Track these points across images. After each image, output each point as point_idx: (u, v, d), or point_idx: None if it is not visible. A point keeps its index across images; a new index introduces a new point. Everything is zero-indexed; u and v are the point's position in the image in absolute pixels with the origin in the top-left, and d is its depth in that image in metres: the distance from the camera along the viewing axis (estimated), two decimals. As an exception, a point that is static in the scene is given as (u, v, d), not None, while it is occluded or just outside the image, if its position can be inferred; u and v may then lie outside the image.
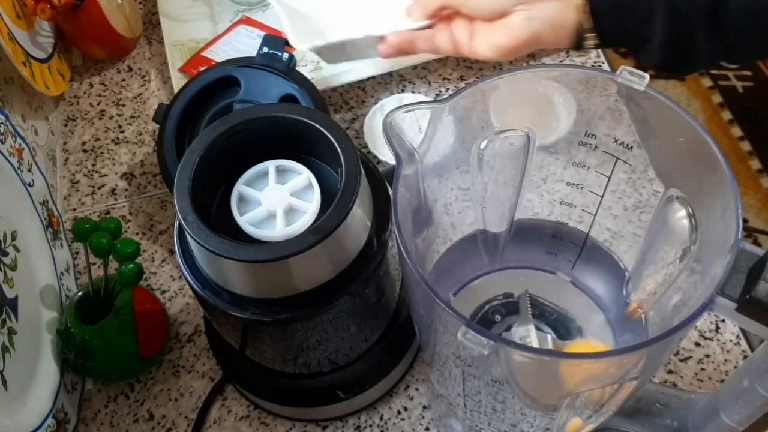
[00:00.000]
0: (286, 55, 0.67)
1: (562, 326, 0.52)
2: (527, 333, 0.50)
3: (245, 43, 0.84)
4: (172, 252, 0.72)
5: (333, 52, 0.69)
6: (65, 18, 0.82)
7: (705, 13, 0.58)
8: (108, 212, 0.76)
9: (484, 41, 0.64)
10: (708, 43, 0.59)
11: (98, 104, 0.85)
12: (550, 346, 0.51)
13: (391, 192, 0.41)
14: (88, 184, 0.78)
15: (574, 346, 0.52)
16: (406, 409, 0.62)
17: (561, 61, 0.81)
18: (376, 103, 0.79)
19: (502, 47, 0.64)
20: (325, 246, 0.44)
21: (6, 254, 0.58)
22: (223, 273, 0.47)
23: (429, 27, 0.67)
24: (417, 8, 0.67)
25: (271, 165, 0.48)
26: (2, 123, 0.62)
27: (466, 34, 0.65)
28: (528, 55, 0.83)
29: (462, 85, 0.81)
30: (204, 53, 0.83)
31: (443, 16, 0.67)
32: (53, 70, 0.82)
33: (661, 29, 0.59)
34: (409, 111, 0.42)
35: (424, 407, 0.62)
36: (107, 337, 0.61)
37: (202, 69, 0.76)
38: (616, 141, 0.46)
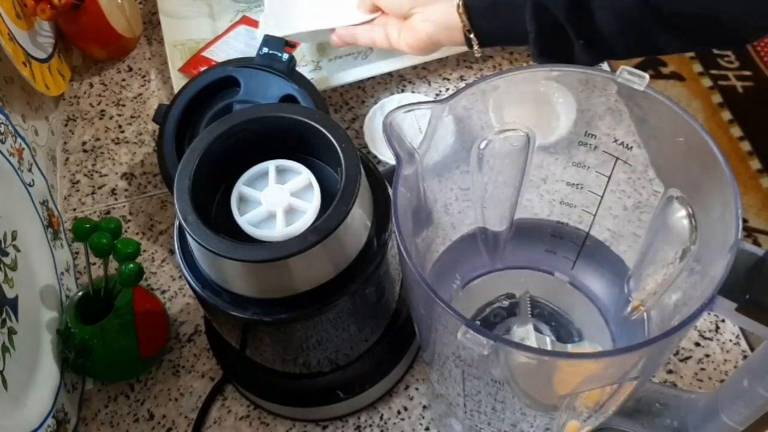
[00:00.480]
0: (285, 56, 0.67)
1: (562, 327, 0.53)
2: (526, 334, 0.50)
3: (245, 43, 0.84)
4: (172, 252, 0.72)
5: (296, 38, 0.78)
6: (65, 18, 0.82)
7: (566, 9, 0.61)
8: (108, 212, 0.76)
9: (403, 39, 0.71)
10: (579, 39, 0.62)
11: (98, 104, 0.85)
12: (550, 346, 0.50)
13: (391, 192, 0.41)
14: (88, 184, 0.79)
15: (572, 349, 0.52)
16: (406, 409, 0.62)
17: (561, 61, 0.81)
18: (376, 103, 0.79)
19: (410, 45, 0.70)
20: (325, 246, 0.44)
21: (6, 254, 0.58)
22: (223, 273, 0.47)
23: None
24: (361, 4, 0.75)
25: (271, 165, 0.48)
26: (2, 123, 0.62)
27: (396, 31, 0.71)
28: (528, 55, 0.83)
29: (462, 85, 0.81)
30: (204, 53, 0.83)
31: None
32: (53, 70, 0.82)
33: (532, 26, 0.63)
34: (409, 111, 0.42)
35: (424, 407, 0.62)
36: (107, 337, 0.61)
37: (202, 69, 0.76)
38: (616, 141, 0.46)
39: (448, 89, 0.81)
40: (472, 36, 0.67)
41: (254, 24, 0.86)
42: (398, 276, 0.55)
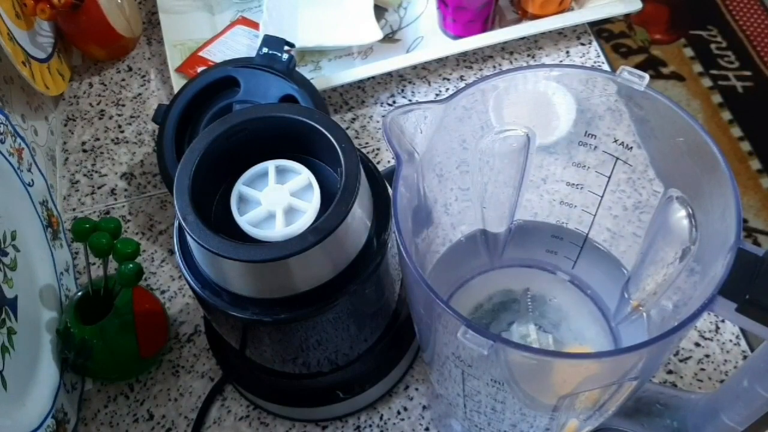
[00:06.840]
0: (285, 56, 0.67)
1: (563, 326, 0.52)
2: (528, 332, 0.50)
3: (242, 44, 0.84)
4: (171, 252, 0.72)
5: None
6: (65, 18, 0.82)
7: None
8: (108, 212, 0.76)
9: None
10: None
11: (98, 104, 0.85)
12: (551, 345, 0.51)
13: (391, 192, 0.41)
14: (88, 184, 0.78)
15: (572, 349, 0.52)
16: (405, 409, 0.62)
17: (561, 61, 0.81)
18: (376, 102, 0.79)
19: None
20: (325, 246, 0.44)
21: (6, 254, 0.57)
22: (223, 273, 0.47)
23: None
24: None
25: (270, 165, 0.48)
26: (2, 123, 0.62)
27: None
28: (528, 55, 0.83)
29: (462, 85, 0.81)
30: (201, 53, 0.83)
31: None
32: (53, 70, 0.82)
33: None
34: (408, 111, 0.42)
35: (424, 407, 0.62)
36: (107, 337, 0.60)
37: (200, 69, 0.76)
38: (616, 141, 0.46)
39: (448, 89, 0.81)
40: None
41: (251, 24, 0.86)
42: (398, 276, 0.55)
